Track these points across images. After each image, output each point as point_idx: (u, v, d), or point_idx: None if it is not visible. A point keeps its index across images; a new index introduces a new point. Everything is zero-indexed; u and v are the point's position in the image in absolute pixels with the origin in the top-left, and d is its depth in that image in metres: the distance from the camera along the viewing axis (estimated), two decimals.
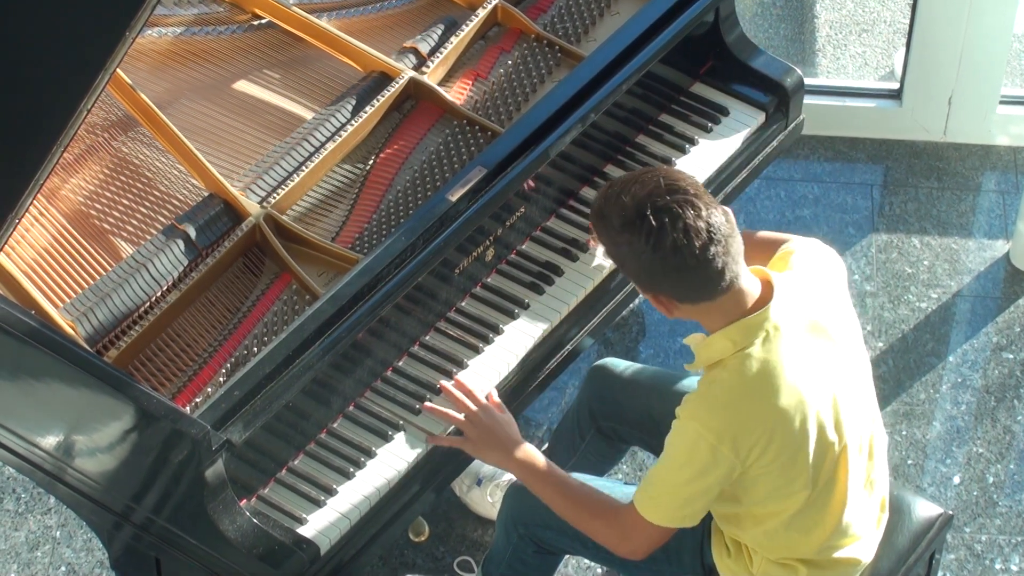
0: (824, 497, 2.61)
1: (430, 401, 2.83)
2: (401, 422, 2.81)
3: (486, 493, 3.36)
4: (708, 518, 2.74)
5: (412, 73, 3.09)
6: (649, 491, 2.59)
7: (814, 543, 2.65)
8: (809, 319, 2.55)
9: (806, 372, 2.52)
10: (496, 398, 2.82)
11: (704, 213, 2.43)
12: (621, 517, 2.63)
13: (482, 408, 2.77)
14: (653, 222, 2.42)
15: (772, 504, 2.59)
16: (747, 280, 2.51)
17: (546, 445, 3.25)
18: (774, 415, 2.50)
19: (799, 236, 2.72)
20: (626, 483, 2.85)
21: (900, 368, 3.72)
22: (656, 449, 2.73)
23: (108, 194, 2.90)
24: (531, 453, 2.73)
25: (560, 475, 2.71)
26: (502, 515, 2.92)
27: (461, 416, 2.77)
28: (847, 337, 2.60)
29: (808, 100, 3.40)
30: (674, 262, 2.43)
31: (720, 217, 2.45)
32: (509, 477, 3.35)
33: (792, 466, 2.54)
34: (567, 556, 3.18)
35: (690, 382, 2.93)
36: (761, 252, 2.73)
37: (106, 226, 2.87)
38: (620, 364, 3.03)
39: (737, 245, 2.47)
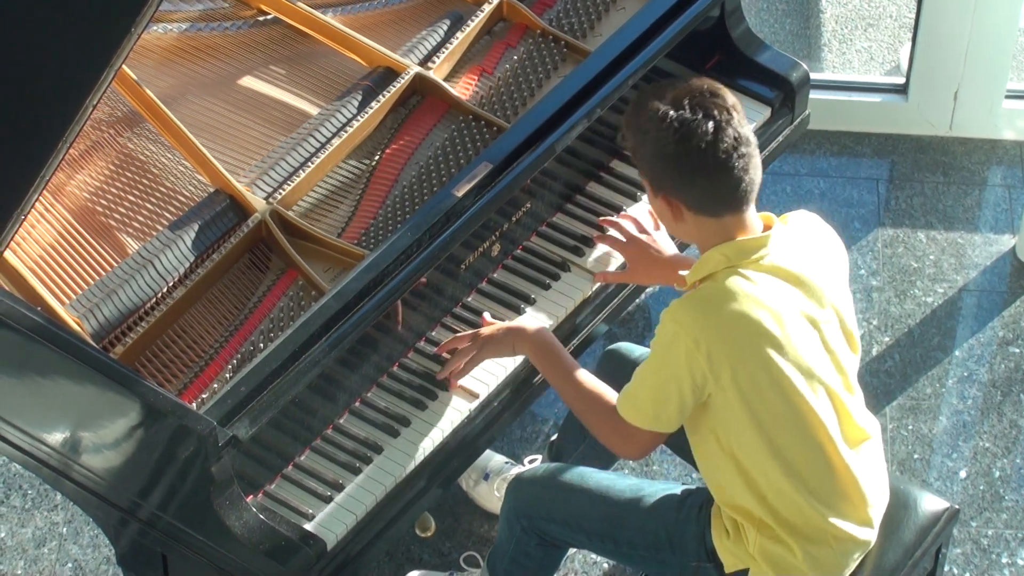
0: (804, 441, 2.60)
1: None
2: (434, 392, 2.84)
3: (493, 488, 3.36)
4: (708, 504, 2.75)
5: (418, 68, 3.09)
6: (630, 390, 2.63)
7: (808, 493, 2.63)
8: (801, 271, 2.58)
9: (789, 310, 2.55)
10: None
11: (736, 122, 2.49)
12: (618, 420, 2.66)
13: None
14: (688, 113, 2.47)
15: (748, 442, 2.59)
16: (753, 214, 2.56)
17: (555, 436, 3.26)
18: (751, 332, 2.52)
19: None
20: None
21: (906, 362, 3.72)
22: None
23: (114, 190, 2.91)
24: (546, 336, 2.77)
25: (571, 364, 2.75)
26: (505, 508, 2.92)
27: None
28: (832, 301, 2.61)
29: (814, 95, 3.41)
30: (697, 160, 2.48)
31: (751, 136, 2.50)
32: (515, 471, 3.35)
33: (762, 393, 2.55)
34: (572, 550, 3.19)
35: None
36: None
37: (112, 222, 2.87)
38: (635, 350, 3.05)
39: (757, 170, 2.52)
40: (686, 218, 2.55)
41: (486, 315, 2.91)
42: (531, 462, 3.39)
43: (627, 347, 3.07)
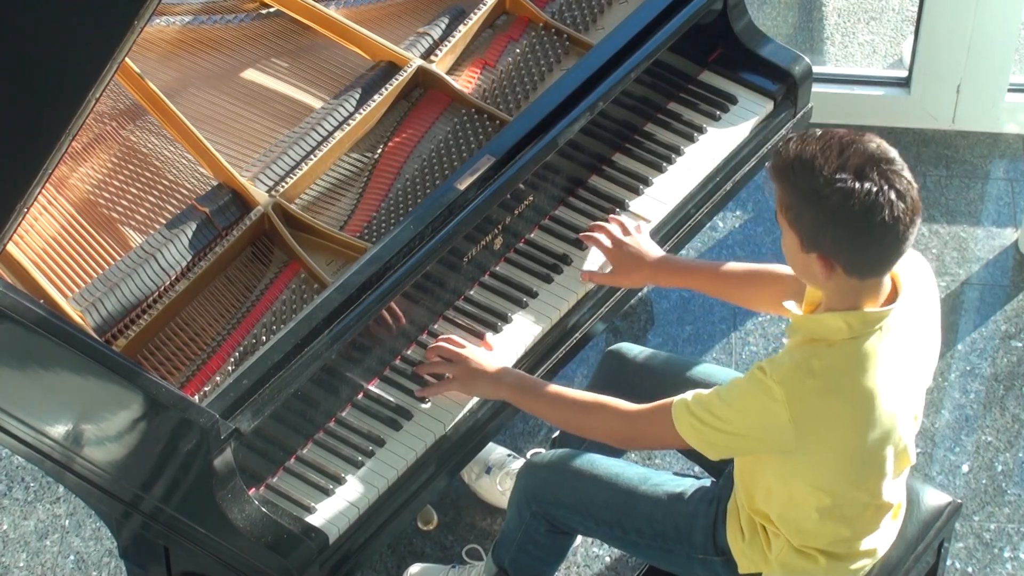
0: (862, 498, 2.61)
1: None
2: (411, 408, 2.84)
3: (495, 481, 3.37)
4: (720, 500, 2.75)
5: (420, 62, 3.10)
6: (698, 415, 2.54)
7: (850, 531, 2.64)
8: (913, 338, 2.54)
9: (899, 383, 2.51)
10: (488, 341, 2.88)
11: (913, 192, 2.40)
12: (640, 414, 2.62)
13: (461, 347, 2.82)
14: (875, 187, 2.36)
15: (806, 490, 2.58)
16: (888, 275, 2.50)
17: (556, 433, 3.26)
18: (855, 411, 2.48)
19: None
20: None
21: None
22: None
23: (116, 183, 2.91)
24: (519, 373, 2.77)
25: (553, 388, 2.73)
26: (515, 493, 2.93)
27: (443, 362, 2.83)
28: (930, 358, 2.60)
29: (816, 88, 3.40)
30: (878, 231, 2.37)
31: (919, 204, 2.41)
32: (519, 464, 3.37)
33: (847, 465, 2.53)
34: (575, 545, 3.19)
35: (703, 369, 2.93)
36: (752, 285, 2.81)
37: (115, 215, 2.88)
38: (634, 349, 3.04)
39: (914, 236, 2.43)
40: (836, 277, 2.44)
41: (489, 336, 2.90)
42: (533, 455, 3.32)
43: (627, 347, 3.07)
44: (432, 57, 3.12)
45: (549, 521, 2.90)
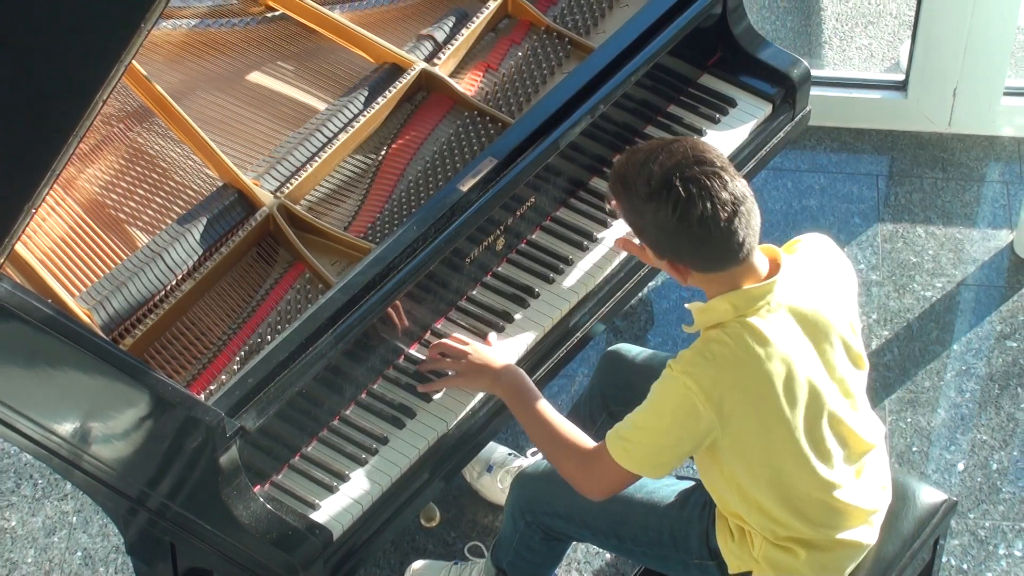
0: (807, 483, 2.62)
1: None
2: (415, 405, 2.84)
3: (496, 479, 3.37)
4: (712, 504, 2.76)
5: (424, 64, 3.10)
6: (625, 435, 2.59)
7: (808, 524, 2.65)
8: (807, 307, 2.57)
9: (797, 351, 2.55)
10: (492, 340, 2.88)
11: (730, 186, 2.47)
12: (591, 456, 2.63)
13: (464, 344, 2.82)
14: (682, 192, 2.45)
15: (752, 480, 2.60)
16: (758, 255, 2.56)
17: None
18: (763, 383, 2.52)
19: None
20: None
21: (905, 356, 3.73)
22: None
23: (123, 184, 2.91)
24: (518, 378, 2.75)
25: (542, 406, 2.72)
26: (509, 503, 2.93)
27: (445, 359, 2.82)
28: (839, 330, 2.61)
29: (814, 91, 3.41)
30: (699, 232, 2.46)
31: (744, 190, 2.49)
32: (519, 463, 3.37)
33: (768, 436, 2.55)
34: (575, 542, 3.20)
35: None
36: None
37: (122, 215, 2.87)
38: (633, 349, 3.05)
39: (756, 219, 2.51)
40: (694, 277, 2.55)
41: (492, 336, 2.90)
42: (534, 454, 3.40)
43: (626, 348, 3.07)
44: (435, 60, 3.11)
45: (544, 530, 2.91)
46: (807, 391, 2.57)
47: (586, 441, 2.67)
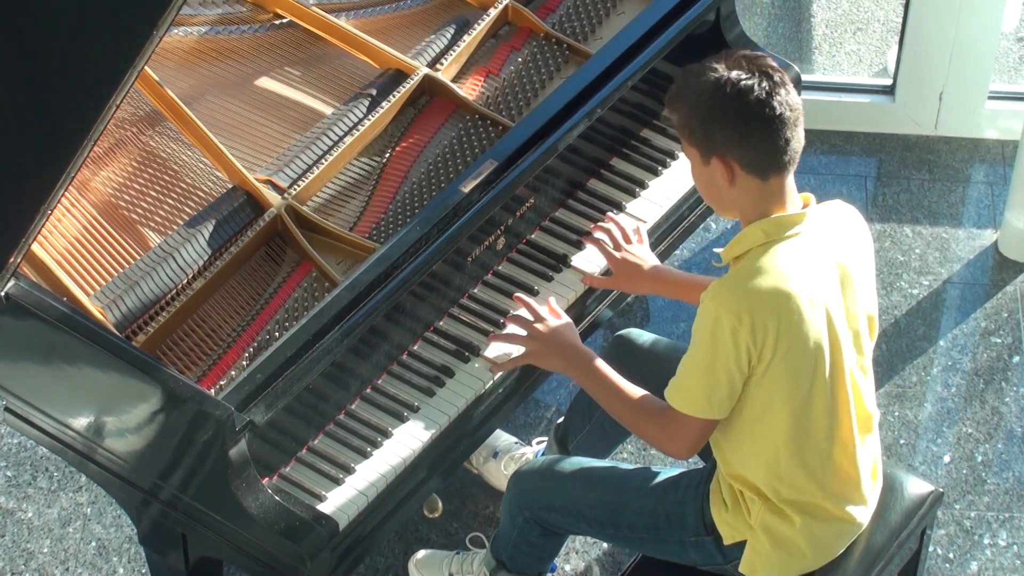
0: (823, 429, 2.62)
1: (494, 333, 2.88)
2: (441, 379, 2.84)
3: (501, 465, 3.36)
4: (705, 482, 2.76)
5: (427, 70, 3.09)
6: (679, 383, 2.60)
7: (812, 480, 2.65)
8: (836, 250, 2.60)
9: (821, 281, 2.56)
10: (555, 306, 2.87)
11: (788, 85, 2.53)
12: (665, 419, 2.64)
13: (540, 321, 2.83)
14: (746, 73, 2.49)
15: (774, 419, 2.59)
16: (793, 188, 2.58)
17: (560, 419, 3.25)
18: (791, 307, 2.52)
19: None
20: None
21: (893, 352, 3.74)
22: None
23: (136, 186, 2.91)
24: (589, 361, 2.76)
25: (616, 381, 2.73)
26: (507, 501, 2.92)
27: (523, 333, 2.83)
28: (860, 287, 2.63)
29: (805, 95, 3.30)
30: (756, 112, 2.49)
31: (799, 101, 2.54)
32: (523, 451, 3.36)
33: (798, 367, 2.55)
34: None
35: None
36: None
37: (135, 216, 2.88)
38: (642, 334, 3.05)
39: (802, 140, 2.55)
40: (737, 180, 2.54)
41: (551, 300, 2.89)
42: (539, 443, 3.39)
43: (635, 332, 3.07)
44: (438, 66, 3.11)
45: (541, 525, 2.90)
46: (827, 325, 2.57)
47: (662, 404, 2.67)
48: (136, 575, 3.35)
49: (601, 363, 2.77)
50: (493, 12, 3.23)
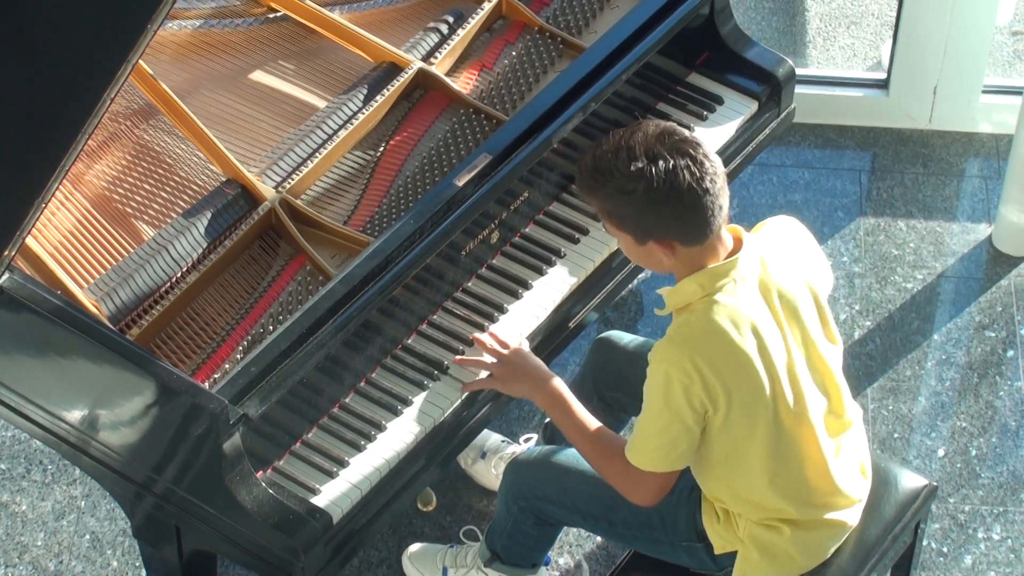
0: (791, 458, 2.63)
1: (460, 355, 2.88)
2: (435, 373, 2.84)
3: (490, 465, 3.37)
4: (700, 489, 2.77)
5: (421, 64, 3.09)
6: (636, 440, 2.62)
7: (792, 503, 2.66)
8: (773, 282, 2.60)
9: (766, 324, 2.57)
10: (525, 343, 2.88)
11: (703, 150, 2.52)
12: (629, 467, 2.65)
13: (508, 349, 2.83)
14: (669, 158, 2.48)
15: (735, 464, 2.62)
16: (723, 232, 2.59)
17: (549, 418, 3.20)
18: (737, 357, 2.54)
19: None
20: None
21: (887, 346, 3.74)
22: None
23: (130, 179, 2.91)
24: (556, 390, 2.77)
25: (583, 418, 2.74)
26: (502, 490, 2.93)
27: (489, 360, 2.83)
28: (808, 306, 2.63)
29: (799, 90, 3.42)
30: (688, 198, 2.49)
31: (717, 159, 2.54)
32: (512, 450, 3.37)
33: (755, 411, 2.57)
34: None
35: None
36: None
37: (128, 210, 2.88)
38: (624, 337, 3.06)
39: (726, 191, 2.55)
40: (677, 253, 2.56)
41: (523, 341, 2.90)
42: (526, 440, 3.40)
43: (617, 335, 3.07)
44: (432, 59, 3.11)
45: (536, 515, 2.91)
46: (785, 363, 2.58)
47: (621, 446, 2.67)
48: (130, 568, 3.35)
49: (570, 400, 2.76)
50: (487, 6, 3.24)
